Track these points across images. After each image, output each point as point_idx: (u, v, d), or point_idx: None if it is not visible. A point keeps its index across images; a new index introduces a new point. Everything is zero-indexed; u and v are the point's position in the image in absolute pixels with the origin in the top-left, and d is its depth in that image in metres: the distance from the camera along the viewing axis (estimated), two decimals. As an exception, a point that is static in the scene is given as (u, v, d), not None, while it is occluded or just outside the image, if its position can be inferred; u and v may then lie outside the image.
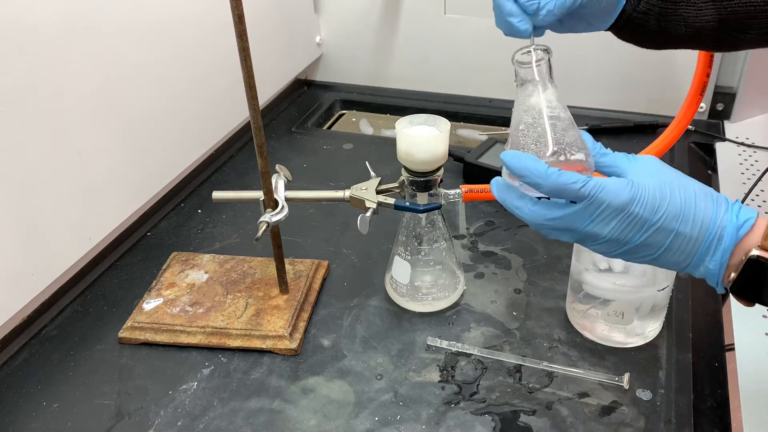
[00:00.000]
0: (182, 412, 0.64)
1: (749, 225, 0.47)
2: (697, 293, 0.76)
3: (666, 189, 0.48)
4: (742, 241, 0.47)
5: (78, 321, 0.75)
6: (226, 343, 0.70)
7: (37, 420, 0.64)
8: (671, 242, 0.48)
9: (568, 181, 0.47)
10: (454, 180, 0.97)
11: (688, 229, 0.47)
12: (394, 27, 1.23)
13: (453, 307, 0.75)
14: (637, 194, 0.47)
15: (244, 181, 1.01)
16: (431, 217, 0.72)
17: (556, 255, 0.82)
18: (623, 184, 0.48)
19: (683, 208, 0.47)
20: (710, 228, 0.47)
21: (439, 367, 0.68)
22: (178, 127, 0.93)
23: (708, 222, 0.47)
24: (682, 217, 0.47)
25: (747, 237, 0.47)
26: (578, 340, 0.70)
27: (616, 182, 0.48)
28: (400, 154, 0.67)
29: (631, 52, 1.14)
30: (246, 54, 0.60)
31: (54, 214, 0.74)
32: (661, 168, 0.51)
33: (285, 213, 0.68)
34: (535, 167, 0.48)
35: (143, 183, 0.88)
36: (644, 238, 0.48)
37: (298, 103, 1.25)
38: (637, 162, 0.51)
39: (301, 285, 0.76)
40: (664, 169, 0.51)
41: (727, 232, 0.47)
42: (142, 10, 0.82)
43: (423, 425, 0.62)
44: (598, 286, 0.67)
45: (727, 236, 0.47)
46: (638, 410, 0.62)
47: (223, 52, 0.95)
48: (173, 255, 0.82)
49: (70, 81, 0.73)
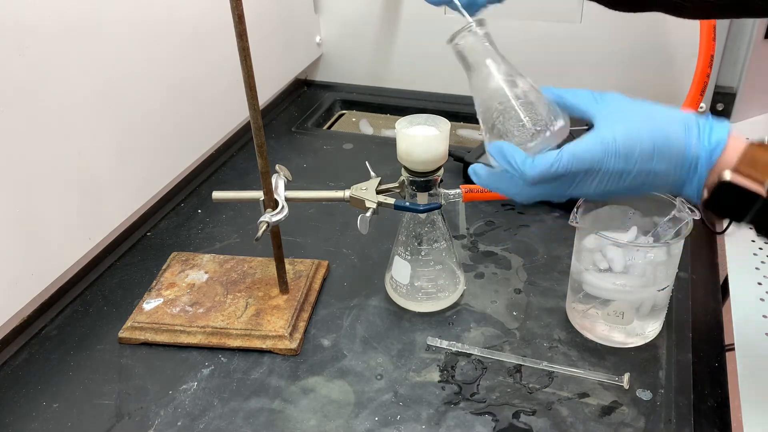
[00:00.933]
0: (182, 412, 0.64)
1: (720, 149, 0.49)
2: (697, 293, 0.76)
3: (635, 133, 0.49)
4: (716, 164, 0.49)
5: (78, 321, 0.75)
6: (226, 343, 0.70)
7: (37, 420, 0.64)
8: (652, 180, 0.50)
9: (544, 167, 0.50)
10: (454, 180, 0.97)
11: (664, 165, 0.49)
12: (394, 27, 1.23)
13: (453, 307, 0.75)
14: (608, 149, 0.49)
15: (244, 181, 1.01)
16: (431, 217, 0.72)
17: (556, 255, 0.82)
18: (593, 144, 0.50)
19: (655, 148, 0.49)
20: (686, 159, 0.49)
21: (439, 367, 0.68)
22: (178, 127, 0.93)
23: (682, 154, 0.49)
24: (656, 156, 0.49)
25: (720, 159, 0.49)
26: (578, 340, 0.70)
27: (587, 145, 0.50)
28: (400, 154, 0.67)
29: (631, 53, 1.14)
30: (246, 54, 0.60)
31: (54, 214, 0.74)
32: (628, 107, 0.52)
33: (285, 213, 0.68)
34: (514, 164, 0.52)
35: (143, 183, 0.88)
36: (626, 184, 0.50)
37: (298, 103, 1.25)
38: (604, 103, 0.52)
39: (301, 285, 0.76)
40: (631, 107, 0.52)
41: (701, 161, 0.49)
42: (142, 10, 0.82)
43: (423, 425, 0.62)
44: (598, 286, 0.67)
45: (701, 165, 0.49)
46: (638, 410, 0.62)
47: (223, 52, 0.95)
48: (173, 255, 0.82)
49: (70, 81, 0.73)
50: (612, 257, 0.67)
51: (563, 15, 1.12)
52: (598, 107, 0.52)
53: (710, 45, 0.80)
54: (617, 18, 1.09)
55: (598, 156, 0.49)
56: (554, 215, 0.89)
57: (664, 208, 0.68)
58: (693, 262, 0.80)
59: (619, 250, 0.66)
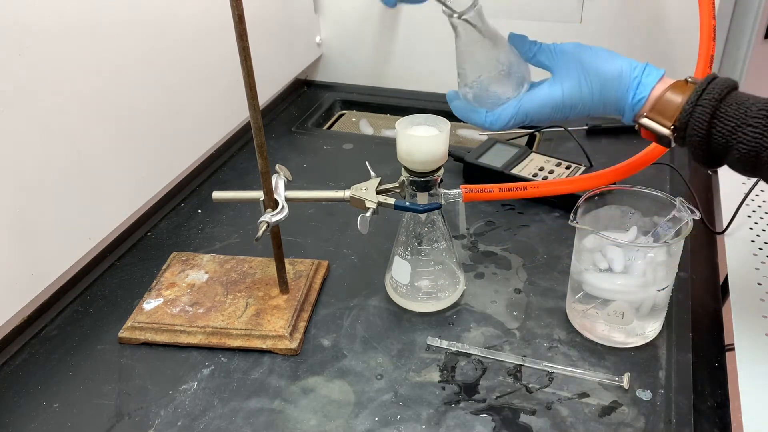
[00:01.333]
0: (182, 412, 0.64)
1: (641, 103, 0.62)
2: (697, 293, 0.77)
3: (578, 89, 0.64)
4: (639, 111, 0.63)
5: (78, 321, 0.75)
6: (226, 343, 0.70)
7: (37, 420, 0.64)
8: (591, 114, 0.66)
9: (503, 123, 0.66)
10: (454, 180, 0.97)
11: (601, 110, 0.65)
12: (393, 27, 1.23)
13: (453, 307, 0.75)
14: (556, 105, 0.64)
15: (244, 181, 1.01)
16: (431, 217, 0.72)
17: (556, 255, 0.82)
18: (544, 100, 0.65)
19: (593, 101, 0.64)
20: (617, 108, 0.64)
21: (439, 367, 0.68)
22: (178, 127, 0.93)
23: (614, 105, 0.64)
24: (595, 105, 0.64)
25: (642, 107, 0.63)
26: (578, 340, 0.70)
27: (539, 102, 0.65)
28: (400, 154, 0.67)
29: (631, 53, 1.14)
30: (246, 54, 0.60)
31: (54, 214, 0.74)
32: (577, 62, 0.64)
33: (285, 213, 0.68)
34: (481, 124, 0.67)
35: (143, 183, 0.88)
36: (572, 118, 0.66)
37: (298, 103, 1.25)
38: (558, 58, 0.65)
39: (301, 285, 0.76)
40: (580, 62, 0.64)
41: (626, 111, 0.64)
42: (142, 10, 0.82)
43: (423, 425, 0.62)
44: (598, 286, 0.67)
45: (627, 112, 0.64)
46: (638, 410, 0.62)
47: (223, 52, 0.95)
48: (173, 255, 0.82)
49: (69, 81, 0.73)
50: (612, 257, 0.67)
51: (563, 15, 1.12)
52: (555, 61, 0.65)
53: (710, 45, 0.80)
54: (617, 18, 1.10)
55: (547, 111, 0.65)
56: (554, 215, 0.89)
57: (664, 208, 0.68)
58: (693, 262, 0.80)
59: (619, 250, 0.66)
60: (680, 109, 0.59)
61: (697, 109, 0.58)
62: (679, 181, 0.95)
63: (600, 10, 1.10)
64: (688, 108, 0.59)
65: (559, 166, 0.94)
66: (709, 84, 0.59)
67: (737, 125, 0.57)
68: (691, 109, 0.58)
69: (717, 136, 0.58)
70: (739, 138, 0.57)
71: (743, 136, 0.56)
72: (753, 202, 0.90)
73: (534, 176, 0.92)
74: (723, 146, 0.58)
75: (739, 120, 0.57)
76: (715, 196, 0.94)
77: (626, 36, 1.10)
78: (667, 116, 0.60)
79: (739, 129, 0.56)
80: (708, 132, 0.58)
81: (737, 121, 0.57)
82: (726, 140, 0.57)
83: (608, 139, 1.07)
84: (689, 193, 0.92)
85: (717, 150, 0.59)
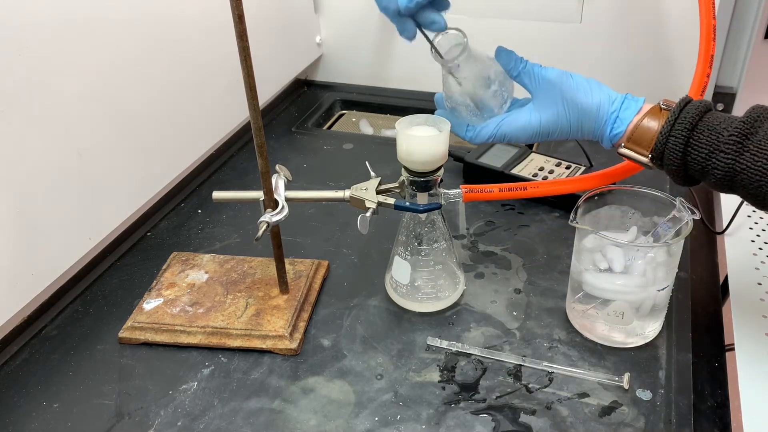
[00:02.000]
0: (182, 412, 0.64)
1: (619, 137, 0.65)
2: (697, 293, 0.77)
3: (555, 120, 0.66)
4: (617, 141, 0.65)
5: (78, 321, 0.75)
6: (226, 343, 0.70)
7: (37, 420, 0.64)
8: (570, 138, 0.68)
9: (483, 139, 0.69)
10: (454, 180, 0.97)
11: (578, 137, 0.68)
12: (394, 27, 1.22)
13: (453, 307, 0.75)
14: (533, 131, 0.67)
15: (244, 181, 1.01)
16: (431, 217, 0.72)
17: (556, 255, 0.82)
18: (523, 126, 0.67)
19: (571, 130, 0.67)
20: (594, 137, 0.67)
21: (439, 367, 0.68)
22: (178, 127, 0.93)
23: (590, 135, 0.67)
24: (572, 134, 0.67)
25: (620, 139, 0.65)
26: (578, 340, 0.70)
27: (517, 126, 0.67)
28: (400, 154, 0.67)
29: (631, 53, 1.14)
30: (246, 54, 0.60)
31: (54, 214, 0.74)
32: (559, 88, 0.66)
33: (285, 213, 0.68)
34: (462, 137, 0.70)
35: (143, 183, 0.88)
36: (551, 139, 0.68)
37: (298, 103, 1.25)
38: (540, 85, 0.67)
39: (301, 285, 0.76)
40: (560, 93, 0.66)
41: (605, 141, 0.66)
42: (142, 10, 0.82)
43: (423, 425, 0.62)
44: (598, 286, 0.67)
45: (606, 142, 0.66)
46: (638, 410, 0.62)
47: (223, 52, 0.95)
48: (173, 255, 0.82)
49: (69, 81, 0.73)
50: (612, 257, 0.67)
51: (563, 15, 1.12)
52: (537, 88, 0.67)
53: (710, 45, 0.80)
54: (617, 18, 1.10)
55: (525, 136, 0.68)
56: (554, 215, 0.89)
57: (664, 208, 0.68)
58: (693, 262, 0.80)
59: (619, 250, 0.66)
60: (655, 138, 0.61)
61: (670, 140, 0.60)
62: (679, 181, 0.95)
63: (600, 10, 1.10)
64: (662, 139, 0.61)
65: (559, 166, 0.94)
66: (681, 111, 0.60)
67: (710, 152, 0.58)
68: (665, 139, 0.61)
69: (692, 163, 0.60)
70: (713, 164, 0.58)
71: (717, 162, 0.58)
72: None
73: (534, 176, 0.92)
74: (699, 171, 0.60)
75: (711, 146, 0.58)
76: (715, 196, 0.94)
77: (626, 36, 1.10)
78: (643, 146, 0.63)
79: (713, 155, 0.58)
80: (683, 160, 0.60)
81: (710, 147, 0.58)
82: (701, 166, 0.59)
83: (608, 139, 1.07)
84: (689, 193, 0.92)
85: (694, 174, 0.61)
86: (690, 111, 0.60)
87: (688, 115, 0.60)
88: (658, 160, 0.62)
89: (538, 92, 0.67)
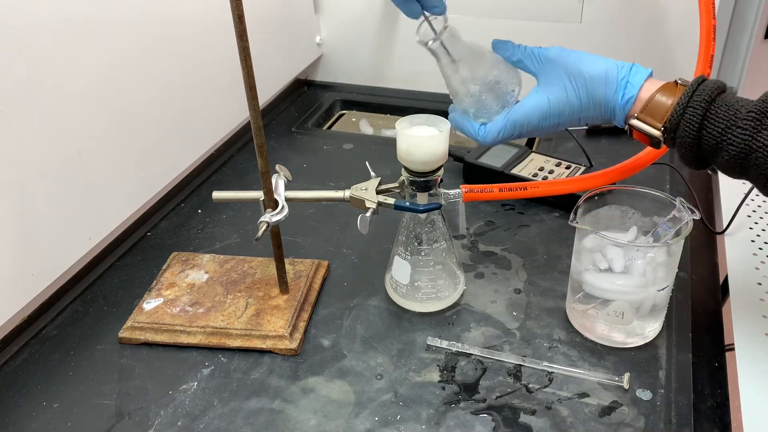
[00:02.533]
0: (182, 412, 0.64)
1: (631, 103, 0.63)
2: (697, 293, 0.76)
3: (564, 96, 0.64)
4: (629, 112, 0.63)
5: (78, 321, 0.75)
6: (226, 343, 0.70)
7: (37, 420, 0.64)
8: (584, 121, 0.66)
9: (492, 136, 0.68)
10: (454, 180, 0.97)
11: (591, 114, 0.65)
12: (394, 27, 1.23)
13: (453, 307, 0.75)
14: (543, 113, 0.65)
15: (244, 181, 1.01)
16: (431, 217, 0.72)
17: (556, 255, 0.82)
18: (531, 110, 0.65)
19: (581, 106, 0.65)
20: (606, 111, 0.64)
21: (439, 367, 0.68)
22: (178, 127, 0.93)
23: (603, 107, 0.64)
24: (583, 110, 0.65)
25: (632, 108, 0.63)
26: (578, 340, 0.70)
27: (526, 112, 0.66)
28: (400, 154, 0.67)
29: (631, 53, 1.14)
30: (246, 54, 0.60)
31: (54, 214, 0.74)
32: (562, 63, 0.65)
33: (285, 213, 0.68)
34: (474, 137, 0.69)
35: (143, 183, 0.88)
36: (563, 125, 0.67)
37: (298, 103, 1.25)
38: (542, 64, 0.66)
39: (301, 285, 0.76)
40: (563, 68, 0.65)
41: (617, 113, 0.64)
42: (142, 10, 0.82)
43: (423, 425, 0.62)
44: (598, 286, 0.67)
45: (618, 114, 0.64)
46: (638, 410, 0.62)
47: (223, 52, 0.95)
48: (173, 255, 0.82)
49: (70, 81, 0.73)
50: (612, 257, 0.67)
51: (563, 15, 1.12)
52: (540, 68, 0.66)
53: (710, 45, 0.80)
54: (617, 18, 1.10)
55: (536, 120, 0.66)
56: (554, 215, 0.89)
57: (664, 208, 0.68)
58: (693, 262, 0.80)
59: (619, 250, 0.66)
60: (671, 110, 0.60)
61: (688, 111, 0.59)
62: (679, 181, 0.95)
63: (600, 10, 1.10)
64: (678, 109, 0.59)
65: (559, 166, 0.94)
66: (699, 86, 0.59)
67: (727, 127, 0.57)
68: (682, 110, 0.59)
69: (707, 137, 0.58)
70: (729, 140, 0.57)
71: (733, 137, 0.57)
72: (753, 202, 0.90)
73: (534, 176, 0.92)
74: (713, 147, 0.58)
75: (729, 122, 0.57)
76: (715, 196, 0.94)
77: (626, 36, 1.10)
78: (657, 117, 0.61)
79: (729, 131, 0.57)
80: (698, 133, 0.59)
81: (727, 122, 0.57)
82: (716, 141, 0.58)
83: (608, 139, 1.07)
84: (689, 193, 0.92)
85: (707, 151, 0.59)
86: (708, 86, 0.59)
87: (706, 89, 0.59)
88: (671, 133, 0.60)
89: (542, 72, 0.66)
